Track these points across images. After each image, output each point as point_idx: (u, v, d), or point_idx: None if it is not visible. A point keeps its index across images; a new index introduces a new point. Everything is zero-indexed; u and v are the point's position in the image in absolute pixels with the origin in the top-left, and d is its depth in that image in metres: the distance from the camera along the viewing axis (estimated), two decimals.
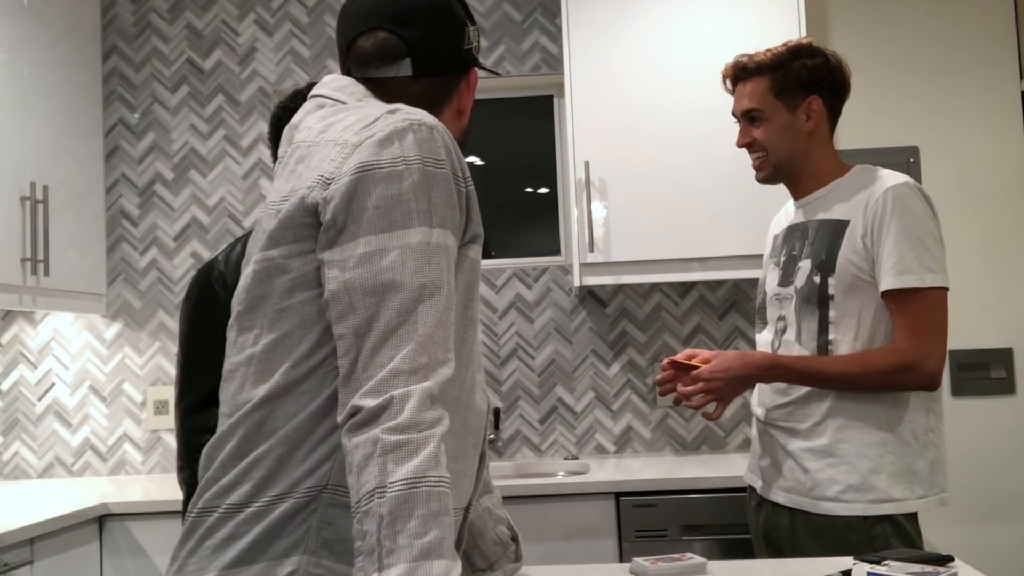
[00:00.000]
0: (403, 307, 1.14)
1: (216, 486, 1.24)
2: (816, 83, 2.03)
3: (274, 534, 1.19)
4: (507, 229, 3.70)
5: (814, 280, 1.96)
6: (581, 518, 2.80)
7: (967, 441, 3.30)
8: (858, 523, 1.90)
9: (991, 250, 3.36)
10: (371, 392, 1.11)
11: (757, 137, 2.06)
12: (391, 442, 1.08)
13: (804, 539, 1.96)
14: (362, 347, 1.13)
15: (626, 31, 3.15)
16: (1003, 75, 3.38)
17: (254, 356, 1.25)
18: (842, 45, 3.41)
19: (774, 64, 2.03)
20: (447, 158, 1.22)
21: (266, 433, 1.22)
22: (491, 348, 3.48)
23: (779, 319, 2.06)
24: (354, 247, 1.16)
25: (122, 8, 3.61)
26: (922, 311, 1.91)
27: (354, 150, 1.21)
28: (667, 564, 1.66)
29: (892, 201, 1.91)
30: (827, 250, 1.96)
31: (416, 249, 1.16)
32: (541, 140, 3.65)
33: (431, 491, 1.07)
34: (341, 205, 1.18)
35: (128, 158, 3.59)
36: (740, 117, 2.09)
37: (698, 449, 3.42)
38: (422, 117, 1.23)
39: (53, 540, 2.57)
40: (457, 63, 1.39)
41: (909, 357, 1.89)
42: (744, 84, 2.07)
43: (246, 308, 1.28)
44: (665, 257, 3.10)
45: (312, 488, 1.20)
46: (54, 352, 3.53)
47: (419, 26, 1.36)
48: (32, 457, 3.50)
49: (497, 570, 1.59)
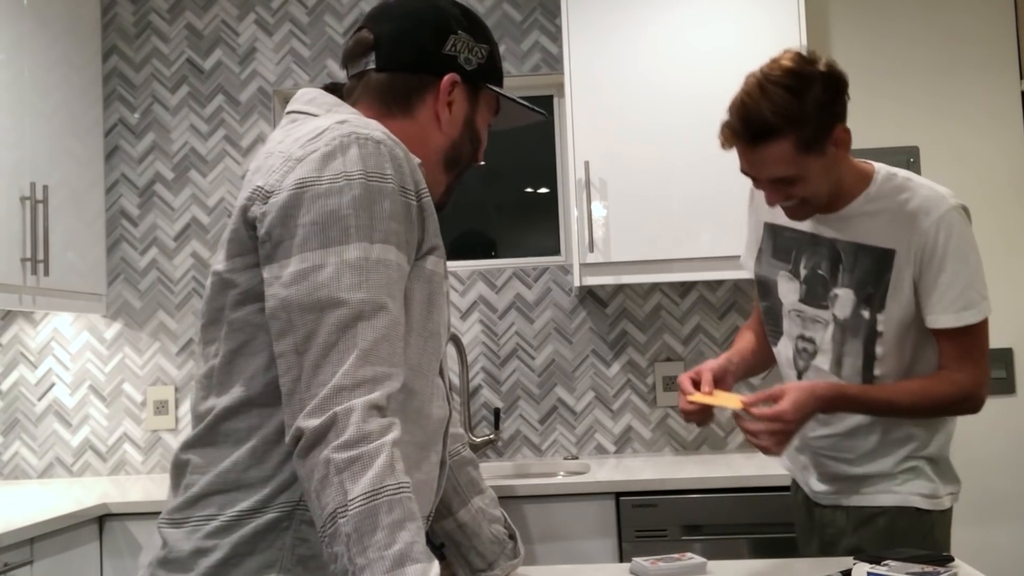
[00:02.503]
0: (342, 323, 1.12)
1: (185, 496, 1.23)
2: (834, 113, 1.78)
3: (246, 550, 1.18)
4: (507, 229, 3.70)
5: (862, 315, 1.85)
6: (581, 518, 2.80)
7: (967, 441, 3.29)
8: (914, 515, 1.88)
9: (991, 250, 3.34)
10: (314, 412, 1.09)
11: (795, 194, 1.82)
12: (342, 459, 1.06)
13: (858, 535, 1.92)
14: (303, 365, 1.12)
15: (626, 31, 3.15)
16: (1003, 75, 3.38)
17: (215, 368, 1.25)
18: (842, 45, 3.41)
19: (788, 120, 1.71)
20: (394, 172, 1.20)
21: (231, 444, 1.22)
22: (491, 348, 3.48)
23: (804, 339, 1.94)
24: (290, 263, 1.15)
25: (122, 8, 3.61)
26: (974, 341, 1.84)
27: (296, 164, 1.20)
28: (667, 564, 1.66)
29: (945, 233, 1.79)
30: (874, 283, 1.83)
31: (353, 265, 1.14)
32: (541, 140, 3.65)
33: (392, 499, 1.06)
34: (276, 220, 1.18)
35: (128, 158, 3.59)
36: (767, 183, 1.82)
37: (698, 449, 3.42)
38: (369, 131, 1.22)
39: (53, 540, 2.57)
40: (428, 63, 1.37)
41: (968, 388, 1.83)
42: (760, 150, 1.75)
43: (207, 321, 1.28)
44: (665, 257, 3.10)
45: (285, 504, 1.19)
46: (54, 352, 3.53)
47: (391, 22, 1.38)
48: (32, 457, 3.50)
49: (496, 568, 1.59)
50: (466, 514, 1.58)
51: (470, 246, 3.61)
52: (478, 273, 3.50)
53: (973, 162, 3.36)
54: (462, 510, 1.58)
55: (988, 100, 3.38)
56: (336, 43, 3.57)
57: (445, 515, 1.57)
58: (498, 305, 3.50)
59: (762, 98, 1.72)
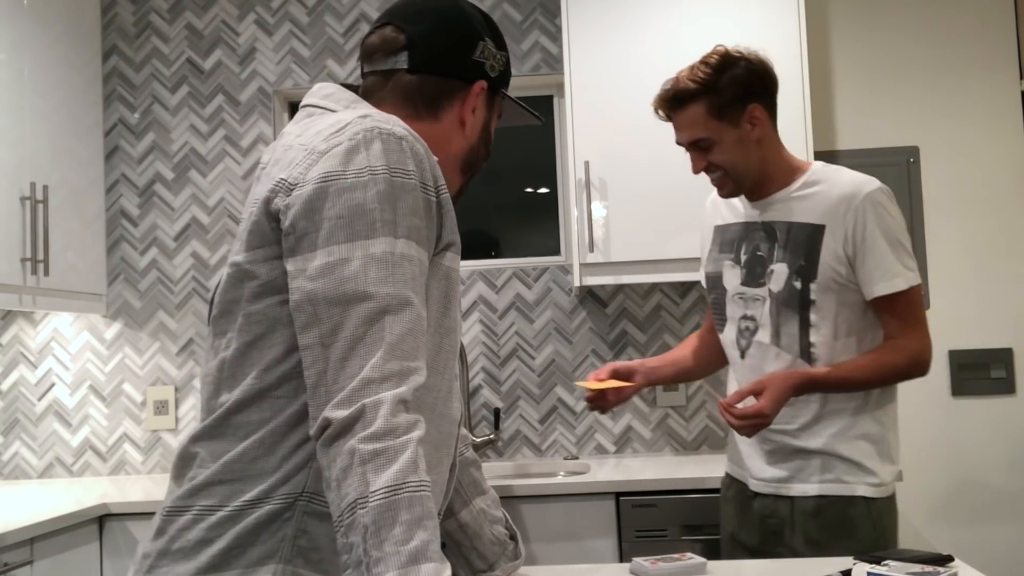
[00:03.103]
0: (369, 317, 1.12)
1: (189, 485, 1.23)
2: (750, 91, 2.03)
3: (248, 540, 1.19)
4: (507, 229, 3.70)
5: (794, 285, 2.01)
6: (581, 518, 2.80)
7: (967, 441, 3.31)
8: (861, 505, 2.00)
9: (991, 250, 3.36)
10: (342, 403, 1.09)
11: (712, 161, 2.06)
12: (368, 451, 1.06)
13: (807, 528, 2.02)
14: (329, 358, 1.12)
15: (626, 31, 3.15)
16: (1003, 75, 3.38)
17: (226, 361, 1.25)
18: (842, 45, 3.42)
19: (704, 87, 2.01)
20: (416, 168, 1.21)
21: (240, 437, 1.22)
22: (491, 348, 3.48)
23: (746, 318, 2.10)
24: (316, 257, 1.15)
25: (122, 8, 3.61)
26: (911, 307, 2.01)
27: (320, 157, 1.20)
28: (667, 564, 1.66)
29: (871, 208, 1.98)
30: (805, 256, 2.01)
31: (380, 259, 1.14)
32: (541, 140, 3.65)
33: (413, 496, 1.06)
34: (301, 212, 1.17)
35: (128, 158, 3.59)
36: (688, 146, 2.09)
37: (698, 449, 3.42)
38: (392, 127, 1.22)
39: (53, 540, 2.57)
40: (459, 68, 1.38)
41: (915, 352, 2.00)
42: (680, 113, 2.06)
43: (220, 312, 1.27)
44: (665, 257, 3.10)
45: (288, 495, 1.19)
46: (54, 352, 3.53)
47: (423, 23, 1.37)
48: (32, 457, 3.50)
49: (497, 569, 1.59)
50: (468, 514, 1.58)
51: (470, 246, 3.61)
52: (478, 273, 3.50)
53: (973, 162, 3.36)
54: (464, 510, 1.58)
55: (988, 100, 3.38)
56: (336, 43, 3.57)
57: (447, 515, 1.57)
58: (498, 305, 3.50)
59: (688, 72, 2.05)
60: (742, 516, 2.16)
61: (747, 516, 2.14)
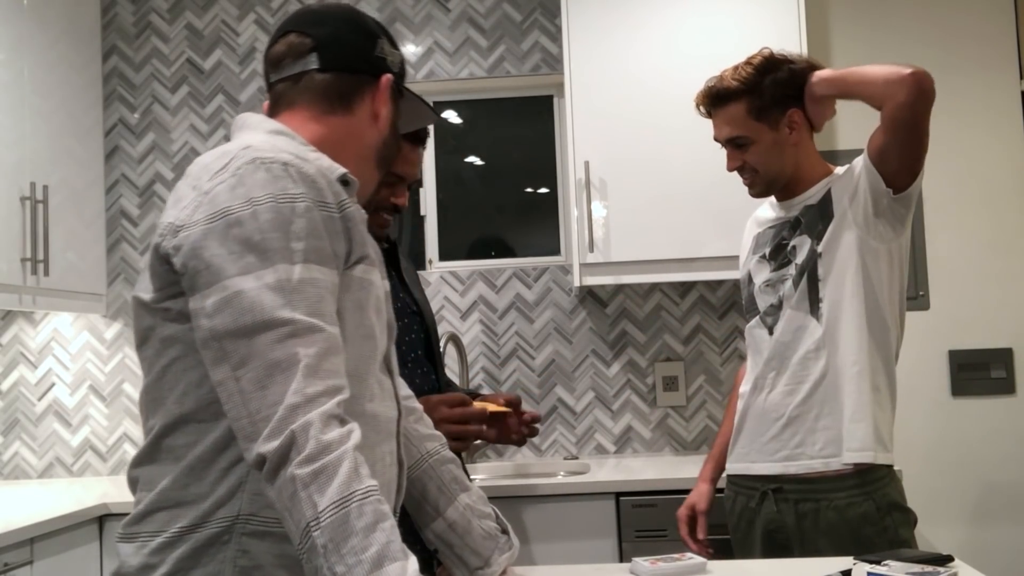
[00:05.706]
0: (276, 343, 1.13)
1: (135, 512, 1.27)
2: (791, 95, 2.06)
3: (189, 564, 1.21)
4: (507, 229, 3.70)
5: (815, 250, 2.04)
6: (581, 518, 2.80)
7: (967, 441, 3.30)
8: (871, 514, 1.97)
9: (991, 250, 3.36)
10: (272, 435, 1.10)
11: (747, 160, 2.09)
12: (307, 474, 1.08)
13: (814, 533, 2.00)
14: (245, 390, 1.13)
15: (626, 31, 3.15)
16: (1003, 75, 3.38)
17: (148, 386, 1.28)
18: (842, 45, 3.42)
19: (747, 87, 2.05)
20: (307, 189, 1.22)
21: (171, 460, 1.24)
22: (491, 348, 3.48)
23: (772, 304, 2.10)
24: (211, 293, 1.16)
25: (122, 8, 3.61)
26: None
27: (204, 198, 1.21)
28: (667, 564, 1.66)
29: (858, 159, 2.04)
30: (822, 220, 2.04)
31: (275, 287, 1.15)
32: (541, 140, 3.65)
33: (362, 504, 1.08)
34: (191, 253, 1.18)
35: (128, 158, 3.59)
36: (725, 143, 2.12)
37: (698, 449, 3.42)
38: (274, 155, 1.23)
39: (53, 540, 2.57)
40: (366, 64, 1.42)
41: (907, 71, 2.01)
42: (721, 110, 2.09)
43: (139, 341, 1.31)
44: (665, 257, 3.10)
45: (224, 519, 1.22)
46: (54, 352, 3.53)
47: (326, 26, 1.42)
48: (32, 457, 3.50)
49: (493, 565, 1.59)
50: (454, 512, 1.58)
51: (470, 246, 3.62)
52: (478, 273, 3.50)
53: (973, 162, 3.36)
54: (449, 508, 1.58)
55: (988, 100, 3.38)
56: None
57: (434, 517, 1.57)
58: (498, 305, 3.50)
59: (732, 72, 2.08)
60: (746, 514, 2.15)
61: (751, 514, 2.13)
